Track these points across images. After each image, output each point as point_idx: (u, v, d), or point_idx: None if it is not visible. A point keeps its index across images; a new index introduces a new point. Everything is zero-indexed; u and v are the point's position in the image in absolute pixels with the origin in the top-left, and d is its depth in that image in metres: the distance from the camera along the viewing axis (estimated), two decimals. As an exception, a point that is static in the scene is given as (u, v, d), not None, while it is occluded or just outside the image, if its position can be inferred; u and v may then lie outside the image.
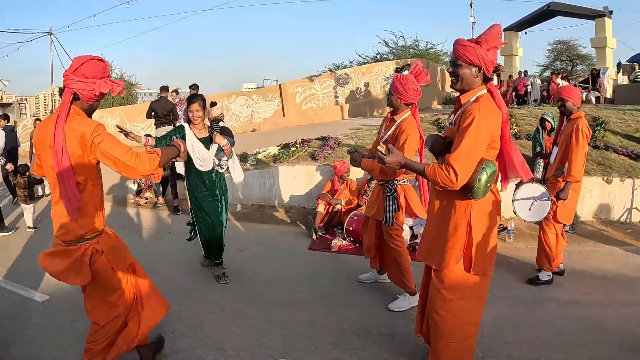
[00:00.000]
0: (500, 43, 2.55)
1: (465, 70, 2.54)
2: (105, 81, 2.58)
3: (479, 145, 2.41)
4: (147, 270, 3.90)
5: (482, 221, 2.61)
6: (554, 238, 4.53)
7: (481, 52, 2.47)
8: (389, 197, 3.90)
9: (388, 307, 4.03)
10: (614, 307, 4.03)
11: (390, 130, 3.89)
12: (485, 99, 2.52)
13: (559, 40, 32.86)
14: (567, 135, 4.39)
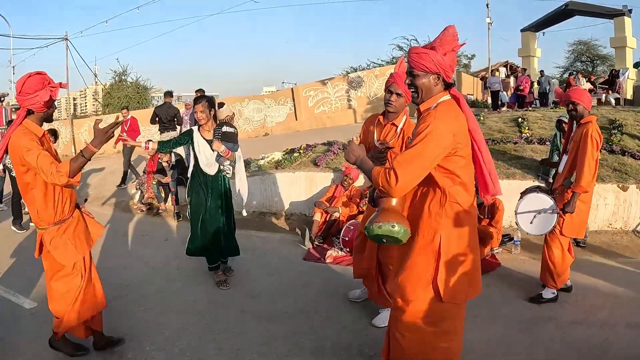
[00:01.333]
0: (457, 45, 2.34)
1: (424, 80, 2.35)
2: (45, 90, 2.92)
3: (429, 151, 2.20)
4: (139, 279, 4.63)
5: (453, 245, 2.37)
6: (560, 253, 4.19)
7: (437, 58, 2.29)
8: None
9: (372, 323, 3.82)
10: (618, 329, 3.71)
11: (397, 139, 3.60)
12: (446, 104, 2.32)
13: (579, 40, 32.28)
14: (577, 141, 4.07)
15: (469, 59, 27.82)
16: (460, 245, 2.39)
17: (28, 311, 4.32)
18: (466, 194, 2.37)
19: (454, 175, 2.31)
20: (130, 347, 3.58)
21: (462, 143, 2.28)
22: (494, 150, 7.43)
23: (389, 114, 3.66)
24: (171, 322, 3.99)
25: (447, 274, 2.36)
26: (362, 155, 2.41)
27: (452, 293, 2.38)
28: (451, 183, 2.33)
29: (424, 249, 2.37)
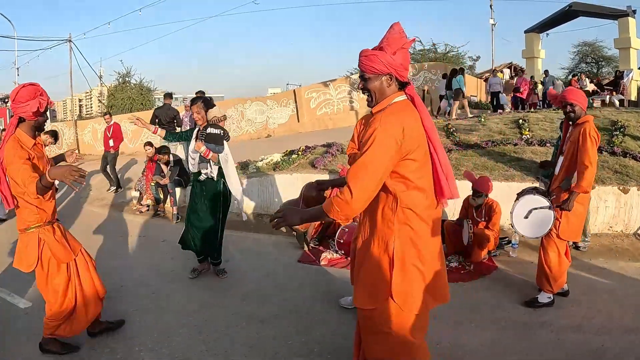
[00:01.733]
0: (407, 42, 2.25)
1: (376, 83, 2.26)
2: (36, 100, 3.11)
3: (379, 159, 2.10)
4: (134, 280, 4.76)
5: (409, 253, 2.27)
6: (556, 257, 4.10)
7: (387, 58, 2.19)
8: None
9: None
10: (614, 334, 3.63)
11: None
12: (399, 105, 2.24)
13: (583, 41, 32.10)
14: (574, 142, 3.98)
15: (474, 61, 27.75)
16: (417, 253, 2.28)
17: (23, 311, 4.36)
18: (423, 198, 2.27)
19: (407, 180, 2.21)
20: (120, 348, 3.58)
21: (415, 145, 2.17)
22: (493, 152, 7.37)
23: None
24: (162, 323, 3.99)
25: (402, 282, 2.26)
26: (303, 212, 2.28)
27: (409, 302, 2.28)
28: (404, 188, 2.22)
29: (379, 258, 2.30)
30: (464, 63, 26.78)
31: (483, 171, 6.61)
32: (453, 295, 4.30)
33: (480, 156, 7.27)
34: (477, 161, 7.08)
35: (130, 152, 17.74)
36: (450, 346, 3.48)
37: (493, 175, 6.48)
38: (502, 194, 5.90)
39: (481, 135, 8.20)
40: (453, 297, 4.26)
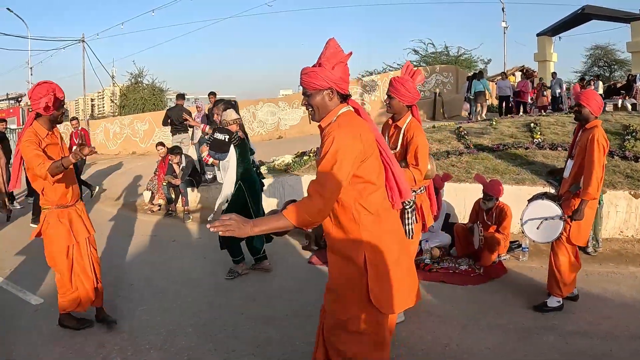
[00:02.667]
0: (344, 56, 2.32)
1: (318, 98, 2.30)
2: (47, 97, 3.43)
3: (343, 164, 2.15)
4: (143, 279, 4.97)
5: (379, 257, 2.31)
6: (566, 261, 4.08)
7: (326, 73, 2.26)
8: (407, 209, 3.64)
9: None
10: (621, 340, 3.59)
11: (399, 140, 3.71)
12: (345, 115, 2.31)
13: (596, 45, 31.81)
14: (583, 147, 3.95)
15: (486, 63, 27.60)
16: (387, 256, 2.33)
17: (33, 307, 4.45)
18: (383, 201, 2.36)
19: (369, 183, 2.27)
20: (128, 346, 3.63)
21: (370, 150, 2.26)
22: (504, 155, 7.34)
23: (394, 116, 3.80)
24: (169, 322, 4.03)
25: (379, 287, 2.30)
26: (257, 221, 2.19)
27: (388, 304, 2.33)
28: (366, 192, 2.28)
29: (351, 265, 2.32)
30: (476, 66, 26.61)
31: (494, 174, 6.59)
32: (460, 298, 4.40)
33: (491, 159, 7.24)
34: (488, 164, 7.06)
35: (142, 152, 17.93)
36: (458, 348, 3.48)
37: (504, 179, 6.46)
38: (512, 197, 5.87)
39: (492, 139, 8.16)
40: (460, 300, 4.35)
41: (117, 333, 3.83)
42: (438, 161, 7.25)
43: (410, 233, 3.66)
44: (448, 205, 6.31)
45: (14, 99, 25.00)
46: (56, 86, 3.53)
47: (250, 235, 2.15)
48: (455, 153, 7.52)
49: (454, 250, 5.65)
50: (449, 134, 8.73)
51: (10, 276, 5.30)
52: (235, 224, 2.06)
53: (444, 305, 4.28)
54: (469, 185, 6.38)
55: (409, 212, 3.65)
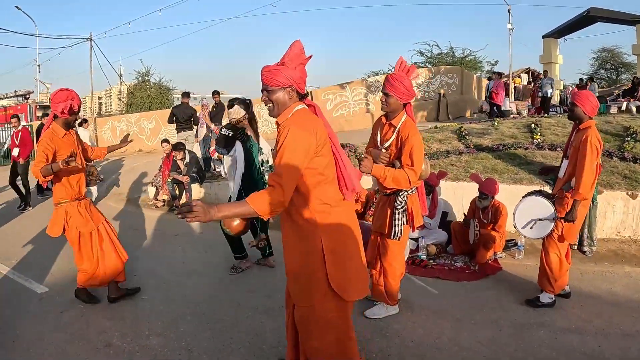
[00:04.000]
0: (305, 59, 2.49)
1: (279, 94, 2.45)
2: (66, 103, 3.85)
3: (298, 155, 2.29)
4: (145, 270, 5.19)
5: (337, 245, 2.46)
6: (557, 258, 4.16)
7: (289, 72, 2.42)
8: (398, 209, 3.66)
9: (364, 314, 3.93)
10: (613, 337, 3.65)
11: (391, 138, 3.68)
12: (301, 112, 2.46)
13: (602, 47, 31.67)
14: (577, 147, 4.01)
15: (492, 65, 27.58)
16: (343, 244, 2.48)
17: (38, 296, 4.58)
18: (335, 192, 2.51)
19: (321, 175, 2.41)
20: (130, 332, 3.76)
21: (322, 143, 2.39)
22: (504, 155, 7.41)
23: (388, 114, 3.74)
24: (170, 311, 4.15)
25: (338, 273, 2.44)
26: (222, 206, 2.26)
27: (348, 290, 2.47)
28: (319, 182, 2.42)
29: (310, 254, 2.44)
30: (482, 67, 26.62)
31: (492, 174, 6.66)
32: (454, 294, 4.49)
33: (490, 159, 7.31)
34: (487, 164, 7.13)
35: (149, 150, 18.09)
36: (448, 341, 3.56)
37: (502, 178, 6.53)
38: (510, 196, 5.95)
39: (493, 139, 8.23)
40: (454, 295, 4.45)
41: (119, 320, 3.97)
42: (437, 160, 7.33)
43: (398, 234, 3.70)
44: (446, 203, 6.39)
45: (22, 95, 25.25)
46: (75, 95, 3.93)
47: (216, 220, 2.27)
48: (455, 153, 7.59)
49: (450, 248, 5.73)
50: (450, 134, 8.80)
51: (16, 266, 5.44)
52: (200, 210, 2.16)
53: (438, 300, 4.36)
54: (467, 184, 6.45)
55: (400, 212, 3.66)
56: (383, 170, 3.47)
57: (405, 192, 3.67)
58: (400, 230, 3.68)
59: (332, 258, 2.43)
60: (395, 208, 3.66)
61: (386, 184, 3.52)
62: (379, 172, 3.47)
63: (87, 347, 3.56)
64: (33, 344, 3.59)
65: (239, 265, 5.13)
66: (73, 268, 4.42)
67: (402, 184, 3.50)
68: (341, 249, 2.47)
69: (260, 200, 2.23)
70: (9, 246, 6.27)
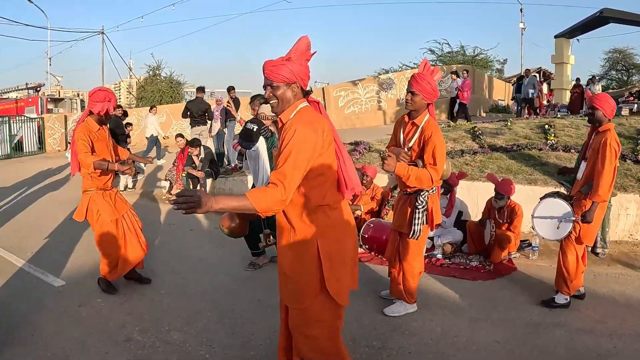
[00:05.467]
0: (310, 55, 2.43)
1: (284, 90, 2.38)
2: (103, 104, 4.11)
3: (303, 155, 2.22)
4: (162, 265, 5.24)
5: (333, 247, 2.41)
6: (574, 260, 4.17)
7: (295, 68, 2.35)
8: (419, 209, 3.69)
9: (383, 311, 3.98)
10: (626, 339, 3.68)
11: (415, 138, 3.72)
12: (306, 110, 2.39)
13: (614, 48, 31.36)
14: (596, 149, 4.03)
15: (502, 64, 27.50)
16: (339, 246, 2.44)
17: (56, 289, 4.60)
18: (335, 193, 2.46)
19: (322, 176, 2.36)
20: (150, 328, 3.79)
21: (327, 144, 2.35)
22: (518, 155, 7.42)
23: (411, 112, 3.77)
24: (190, 307, 4.19)
25: (334, 276, 2.41)
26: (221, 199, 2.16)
27: (343, 293, 2.46)
28: (320, 184, 2.37)
29: (306, 256, 2.41)
30: (493, 66, 26.54)
31: (507, 174, 6.68)
32: (470, 293, 4.53)
33: (504, 159, 7.33)
34: (501, 164, 7.15)
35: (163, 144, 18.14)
36: (466, 340, 3.60)
37: (517, 179, 6.55)
38: (525, 197, 5.97)
39: (507, 139, 8.24)
40: (470, 295, 4.48)
41: (139, 315, 4.01)
42: (452, 160, 7.35)
43: (417, 233, 3.72)
44: (461, 203, 6.42)
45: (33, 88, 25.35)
46: (112, 97, 4.20)
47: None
48: (469, 152, 7.61)
49: (465, 247, 5.77)
50: (464, 133, 8.81)
51: (31, 259, 5.48)
52: (197, 201, 2.07)
53: (455, 299, 4.41)
54: (482, 184, 6.48)
55: (420, 211, 3.69)
56: (407, 169, 3.51)
57: (427, 191, 3.70)
58: (419, 229, 3.71)
59: (329, 264, 2.39)
60: (416, 207, 3.69)
61: (409, 182, 3.56)
62: (402, 170, 3.50)
63: (107, 341, 3.57)
64: (52, 339, 3.59)
65: (256, 261, 5.18)
66: (89, 261, 4.51)
67: (424, 183, 3.54)
68: (337, 254, 2.43)
69: (261, 196, 2.17)
70: (24, 239, 6.33)
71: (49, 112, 22.05)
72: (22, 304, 4.23)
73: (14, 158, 16.94)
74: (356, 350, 3.42)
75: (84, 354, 3.40)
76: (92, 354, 3.39)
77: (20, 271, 5.12)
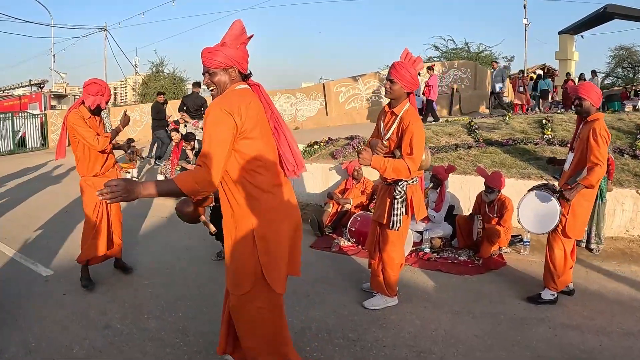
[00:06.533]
0: (246, 38, 2.43)
1: (220, 76, 2.39)
2: (96, 97, 4.13)
3: (216, 135, 2.21)
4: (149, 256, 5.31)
5: (268, 232, 2.39)
6: (561, 254, 4.08)
7: (230, 52, 2.35)
8: (397, 199, 3.64)
9: (363, 304, 3.94)
10: (614, 336, 3.59)
11: (393, 127, 3.65)
12: (230, 92, 2.37)
13: (620, 45, 30.89)
14: (583, 139, 3.93)
15: (509, 61, 27.28)
16: (276, 230, 2.40)
17: (43, 278, 4.63)
18: (271, 176, 2.41)
19: (254, 160, 2.33)
20: (130, 314, 3.82)
21: (251, 124, 2.29)
22: (513, 150, 7.32)
23: (391, 102, 3.71)
24: (171, 295, 4.19)
25: (270, 261, 2.38)
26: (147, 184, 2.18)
27: (280, 280, 2.44)
28: (250, 167, 2.33)
29: (243, 241, 2.38)
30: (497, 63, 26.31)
31: (500, 168, 6.58)
32: (456, 287, 4.47)
33: (499, 154, 7.24)
34: (495, 158, 7.06)
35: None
36: (445, 334, 3.54)
37: (510, 173, 6.46)
38: (517, 191, 5.85)
39: (503, 134, 8.14)
40: (455, 289, 4.42)
41: (120, 302, 4.02)
42: (446, 154, 7.28)
43: (397, 224, 3.67)
44: (453, 197, 6.34)
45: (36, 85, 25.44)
46: (105, 91, 4.20)
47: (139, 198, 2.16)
48: (464, 146, 7.53)
49: (455, 242, 5.70)
50: (461, 127, 8.72)
51: (23, 249, 5.52)
52: (123, 189, 2.07)
53: (438, 293, 4.34)
54: (475, 177, 6.39)
55: (399, 202, 3.64)
56: (382, 161, 3.46)
57: (405, 182, 3.64)
58: (399, 220, 3.66)
59: (263, 245, 2.37)
60: (394, 198, 3.64)
61: (386, 174, 3.50)
62: (378, 163, 3.45)
63: (87, 326, 3.61)
64: (35, 323, 3.65)
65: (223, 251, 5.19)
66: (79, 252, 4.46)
67: (402, 173, 3.48)
68: (273, 237, 2.40)
69: (187, 178, 2.19)
70: (17, 229, 6.36)
71: (52, 108, 22.10)
72: (10, 291, 4.28)
73: (17, 153, 17.02)
74: (330, 341, 3.39)
75: (64, 337, 3.45)
76: (71, 338, 3.44)
77: (11, 261, 5.15)
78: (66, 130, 4.25)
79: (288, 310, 3.79)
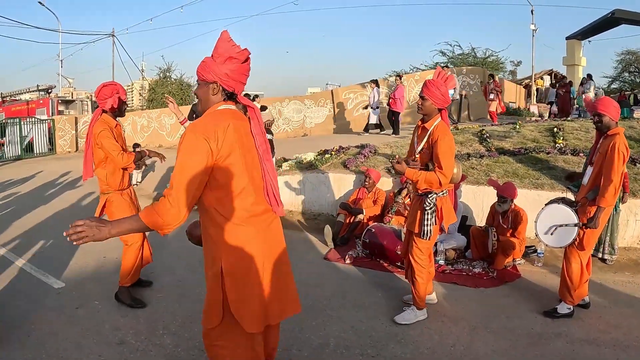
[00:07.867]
0: (237, 52, 2.22)
1: (203, 89, 2.25)
2: (113, 97, 4.01)
3: (190, 164, 2.05)
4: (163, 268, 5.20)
5: (239, 267, 2.19)
6: (578, 268, 4.06)
7: (212, 67, 2.18)
8: (427, 210, 3.75)
9: (394, 319, 3.94)
10: (630, 350, 3.55)
11: (423, 141, 3.82)
12: (214, 113, 2.21)
13: (627, 50, 30.78)
14: (603, 153, 3.92)
15: (515, 66, 27.24)
16: (250, 265, 2.21)
17: (55, 290, 4.61)
18: (249, 205, 2.21)
19: (226, 188, 2.15)
20: (144, 330, 3.78)
21: (229, 150, 2.11)
22: (525, 159, 7.28)
23: (423, 117, 3.88)
24: (185, 310, 4.15)
25: (238, 299, 2.19)
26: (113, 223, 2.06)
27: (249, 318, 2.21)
28: (219, 198, 2.16)
29: (212, 275, 2.22)
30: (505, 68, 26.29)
31: (513, 178, 6.55)
32: (472, 300, 4.43)
33: (511, 163, 7.20)
34: (508, 168, 7.02)
35: (169, 146, 18.22)
36: (464, 350, 3.52)
37: (523, 183, 6.43)
38: (531, 202, 5.85)
39: (514, 142, 8.11)
40: (471, 302, 4.38)
41: (134, 317, 3.99)
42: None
43: (427, 234, 3.77)
44: (465, 207, 6.32)
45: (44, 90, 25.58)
46: (120, 87, 4.10)
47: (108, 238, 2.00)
48: (476, 155, 7.49)
49: (469, 253, 5.66)
50: (472, 136, 8.70)
51: (34, 260, 5.51)
52: (88, 230, 1.94)
53: (455, 306, 4.31)
54: (488, 188, 6.35)
55: (429, 213, 3.75)
56: (415, 172, 3.66)
57: (435, 194, 3.77)
58: (430, 230, 3.78)
59: (231, 281, 2.17)
60: (424, 209, 3.76)
61: (419, 185, 3.74)
62: (411, 174, 3.67)
63: (101, 343, 3.57)
64: (48, 339, 3.60)
65: None
66: (91, 263, 4.48)
67: (434, 185, 3.67)
68: (244, 271, 2.20)
69: (151, 214, 2.03)
70: (28, 240, 6.36)
71: (59, 113, 22.22)
72: (21, 305, 4.25)
73: (24, 159, 17.10)
74: (349, 358, 3.37)
75: (78, 355, 3.40)
76: (85, 355, 3.40)
77: (21, 272, 5.13)
78: (91, 148, 4.05)
79: (305, 326, 3.84)
